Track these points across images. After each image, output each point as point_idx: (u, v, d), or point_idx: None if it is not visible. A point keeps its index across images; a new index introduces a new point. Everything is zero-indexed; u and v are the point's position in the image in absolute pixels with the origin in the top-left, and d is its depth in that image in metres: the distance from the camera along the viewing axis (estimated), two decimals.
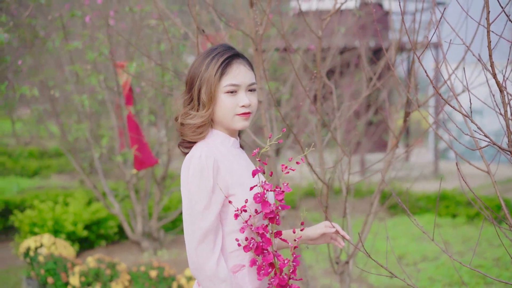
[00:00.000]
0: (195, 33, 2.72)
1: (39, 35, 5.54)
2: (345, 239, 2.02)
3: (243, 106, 1.84)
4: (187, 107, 1.90)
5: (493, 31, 1.72)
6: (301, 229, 1.87)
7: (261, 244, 1.77)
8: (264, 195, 1.77)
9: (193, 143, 1.90)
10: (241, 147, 2.02)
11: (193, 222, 1.79)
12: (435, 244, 1.80)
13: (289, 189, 1.80)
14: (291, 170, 1.79)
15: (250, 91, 1.88)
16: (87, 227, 6.26)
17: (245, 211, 1.76)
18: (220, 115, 1.86)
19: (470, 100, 1.75)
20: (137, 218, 6.15)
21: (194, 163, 1.80)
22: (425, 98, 3.06)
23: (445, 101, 1.80)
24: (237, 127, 1.88)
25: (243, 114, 1.85)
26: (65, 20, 4.42)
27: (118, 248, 6.43)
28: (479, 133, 1.77)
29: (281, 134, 1.87)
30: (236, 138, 1.95)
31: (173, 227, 6.94)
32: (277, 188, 1.79)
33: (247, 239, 1.77)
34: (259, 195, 1.77)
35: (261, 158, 1.80)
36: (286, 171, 1.79)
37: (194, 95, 1.88)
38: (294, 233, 1.88)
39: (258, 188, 1.78)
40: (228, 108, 1.84)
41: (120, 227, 6.58)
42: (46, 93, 5.92)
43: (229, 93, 1.84)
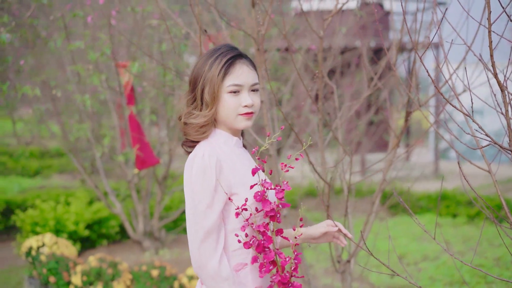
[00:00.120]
0: (197, 33, 2.74)
1: (41, 35, 5.56)
2: (347, 238, 2.04)
3: (246, 106, 1.86)
4: (190, 107, 1.91)
5: (494, 31, 1.73)
6: (301, 225, 1.89)
7: (263, 242, 1.78)
8: (264, 194, 1.78)
9: (196, 143, 1.91)
10: (244, 146, 2.03)
11: (196, 221, 1.80)
12: (437, 243, 1.81)
13: (288, 187, 1.81)
14: (291, 168, 1.80)
15: (253, 91, 1.89)
16: (89, 227, 6.27)
17: (246, 209, 1.77)
18: (223, 115, 1.87)
19: (471, 99, 1.76)
20: (139, 217, 6.16)
21: (197, 163, 1.81)
22: (426, 98, 3.07)
23: (447, 100, 1.82)
24: (240, 127, 1.89)
25: (246, 114, 1.86)
26: (67, 20, 4.44)
27: (119, 247, 6.44)
28: (480, 133, 1.78)
29: (280, 131, 1.88)
30: (239, 137, 1.96)
31: (174, 227, 6.96)
32: (277, 186, 1.80)
33: (247, 235, 1.78)
34: (259, 194, 1.78)
35: (261, 156, 1.81)
36: (285, 169, 1.79)
37: (197, 95, 1.89)
38: (294, 231, 1.90)
39: (258, 186, 1.79)
40: (231, 108, 1.85)
41: (121, 227, 6.60)
42: (47, 93, 5.93)
43: (232, 93, 1.85)
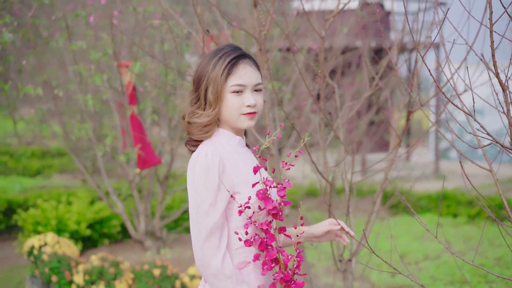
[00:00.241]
0: (199, 33, 2.75)
1: (42, 35, 5.57)
2: (350, 236, 2.05)
3: (249, 106, 1.87)
4: (194, 106, 1.93)
5: (495, 31, 1.74)
6: (302, 224, 1.90)
7: (265, 239, 1.79)
8: (266, 192, 1.79)
9: (199, 142, 1.93)
10: (247, 146, 2.04)
11: (199, 219, 1.82)
12: (438, 241, 1.82)
13: (290, 185, 1.82)
14: (292, 166, 1.81)
15: (256, 91, 1.91)
16: (90, 226, 6.29)
17: (249, 207, 1.79)
18: (226, 115, 1.88)
19: (473, 99, 1.77)
20: (140, 217, 6.18)
21: (200, 162, 1.82)
22: (426, 98, 3.08)
23: (448, 99, 1.83)
24: (243, 127, 1.90)
25: (249, 113, 1.88)
26: (69, 20, 4.45)
27: (121, 247, 6.46)
28: (482, 132, 1.79)
29: (280, 129, 1.90)
30: (242, 137, 1.97)
31: (175, 226, 6.97)
32: (278, 184, 1.81)
33: (247, 233, 1.79)
34: (261, 192, 1.79)
35: (262, 155, 1.82)
36: (286, 167, 1.81)
37: (201, 94, 1.90)
38: (295, 229, 1.91)
39: (260, 184, 1.80)
40: (234, 107, 1.86)
41: (123, 226, 6.61)
42: (49, 93, 5.94)
43: (235, 93, 1.86)
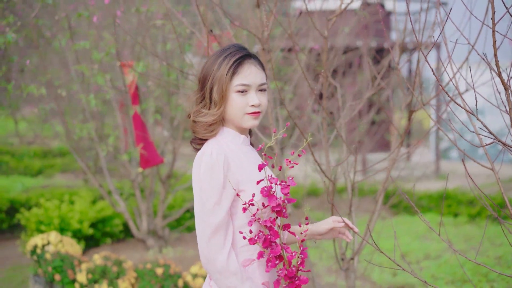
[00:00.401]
0: (201, 32, 2.77)
1: (45, 35, 5.59)
2: (354, 232, 2.07)
3: (253, 105, 1.89)
4: (199, 105, 1.95)
5: (497, 31, 1.76)
6: (306, 223, 1.92)
7: (269, 236, 1.81)
8: (271, 189, 1.81)
9: (204, 140, 1.95)
10: (251, 144, 2.06)
11: (204, 217, 1.83)
12: (441, 239, 1.84)
13: (294, 183, 1.84)
14: (295, 164, 1.83)
15: (260, 91, 1.92)
16: (93, 225, 6.31)
17: (253, 205, 1.80)
18: (230, 114, 1.90)
19: (475, 98, 1.80)
20: (142, 216, 6.20)
21: (205, 160, 1.84)
22: (427, 98, 3.10)
23: (451, 98, 1.85)
24: (247, 126, 1.92)
25: (253, 113, 1.90)
26: (73, 20, 4.47)
27: (123, 246, 6.48)
28: (484, 130, 1.81)
29: (285, 128, 1.92)
30: (246, 135, 1.99)
31: (177, 225, 7.00)
32: (282, 182, 1.83)
33: (251, 232, 1.81)
34: (266, 189, 1.81)
35: (267, 153, 1.84)
36: (290, 165, 1.83)
37: (206, 94, 1.92)
38: (300, 227, 1.93)
39: (265, 182, 1.82)
40: (238, 107, 1.88)
41: (125, 225, 6.63)
42: (51, 93, 5.97)
43: (240, 92, 1.88)
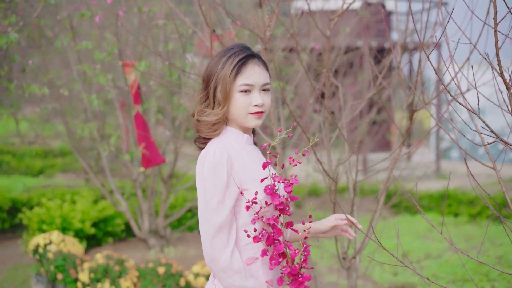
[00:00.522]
0: (203, 32, 2.79)
1: (47, 35, 5.60)
2: (357, 229, 2.07)
3: (256, 105, 1.90)
4: (203, 104, 1.96)
5: (499, 31, 1.78)
6: (310, 221, 1.93)
7: (272, 234, 1.82)
8: (274, 187, 1.82)
9: (208, 139, 1.96)
10: (255, 143, 2.08)
11: (207, 216, 1.85)
12: (443, 238, 1.85)
13: (297, 181, 1.85)
14: (298, 162, 1.84)
15: (264, 90, 1.93)
16: (95, 225, 6.32)
17: (256, 203, 1.82)
18: (234, 113, 1.91)
19: (478, 97, 1.81)
20: (144, 216, 6.21)
21: (208, 159, 1.86)
22: (429, 97, 3.11)
23: (453, 97, 1.87)
24: (250, 125, 1.93)
25: (256, 113, 1.91)
26: (75, 20, 4.49)
27: (125, 245, 6.49)
28: (486, 129, 1.83)
29: (291, 128, 1.93)
30: (250, 135, 2.01)
31: (179, 225, 7.01)
32: (285, 180, 1.85)
33: (255, 230, 1.82)
34: (269, 187, 1.82)
35: (271, 151, 1.86)
36: (294, 163, 1.84)
37: (210, 93, 1.93)
38: (303, 225, 1.94)
39: (268, 180, 1.83)
40: (241, 107, 1.89)
41: (127, 225, 6.64)
42: (53, 92, 5.98)
43: (243, 92, 1.89)
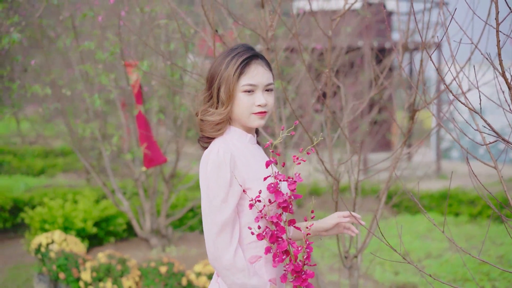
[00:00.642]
0: (205, 32, 2.80)
1: (49, 35, 5.62)
2: (360, 224, 2.08)
3: (259, 105, 1.92)
4: (206, 104, 1.98)
5: (501, 31, 1.79)
6: (312, 216, 1.94)
7: (276, 232, 1.84)
8: (277, 185, 1.84)
9: (212, 139, 1.98)
10: (258, 143, 2.09)
11: (211, 215, 1.86)
12: (445, 237, 1.87)
13: (300, 179, 1.86)
14: (303, 160, 1.86)
15: (267, 91, 1.95)
16: (96, 224, 6.33)
17: (259, 201, 1.83)
18: (237, 113, 1.93)
19: (479, 96, 1.83)
20: (146, 215, 6.22)
21: (212, 159, 1.87)
22: (430, 97, 3.13)
23: (455, 96, 1.88)
24: (253, 125, 1.95)
25: (259, 113, 1.92)
26: (78, 20, 4.50)
27: (126, 245, 6.51)
28: (487, 129, 1.84)
29: (293, 127, 1.94)
30: (253, 134, 2.02)
31: (180, 225, 7.02)
32: (289, 178, 1.86)
33: (259, 227, 1.84)
34: (272, 185, 1.83)
35: (273, 150, 1.87)
36: (298, 161, 1.85)
37: (213, 93, 1.95)
38: (305, 221, 1.95)
39: (271, 178, 1.84)
40: (245, 106, 1.91)
41: (128, 224, 6.66)
42: (54, 92, 6.00)
43: (247, 92, 1.91)
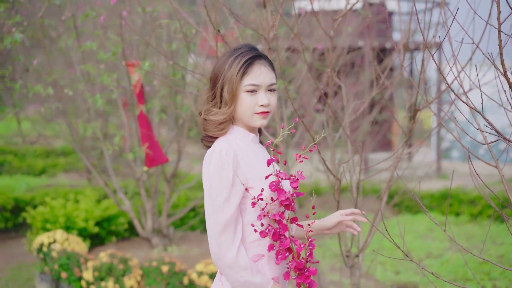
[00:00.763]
0: (208, 32, 2.82)
1: (50, 35, 5.63)
2: (363, 221, 2.09)
3: (262, 105, 1.93)
4: (210, 104, 1.99)
5: (502, 31, 1.80)
6: (313, 213, 1.95)
7: (278, 230, 1.85)
8: (279, 183, 1.85)
9: (215, 138, 1.99)
10: (261, 142, 2.10)
11: (214, 214, 1.87)
12: (446, 235, 1.88)
13: (303, 177, 1.87)
14: (305, 158, 1.87)
15: (270, 91, 1.96)
16: (98, 224, 6.34)
17: (262, 199, 1.84)
18: (240, 113, 1.94)
19: (481, 96, 1.84)
20: (147, 215, 6.23)
21: (215, 158, 1.88)
22: (431, 97, 3.14)
23: (457, 96, 1.90)
24: (256, 125, 1.96)
25: (262, 113, 1.93)
26: (79, 20, 4.52)
27: (128, 244, 6.52)
28: (489, 128, 1.85)
29: (293, 125, 1.96)
30: (255, 134, 2.03)
31: (181, 224, 7.04)
32: (291, 176, 1.87)
33: (262, 225, 1.85)
34: (274, 183, 1.85)
35: (275, 148, 1.89)
36: (300, 159, 1.86)
37: (217, 93, 1.96)
38: (307, 219, 1.97)
39: (273, 176, 1.85)
40: (247, 106, 1.92)
41: (130, 224, 6.67)
42: (56, 92, 6.02)
43: (250, 92, 1.92)
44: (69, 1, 5.16)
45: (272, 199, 1.85)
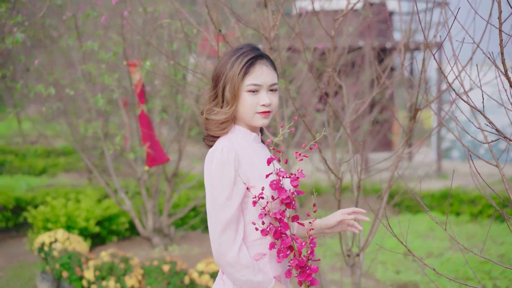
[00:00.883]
0: (209, 32, 2.83)
1: (52, 35, 5.64)
2: (363, 220, 2.10)
3: (264, 105, 1.94)
4: (211, 103, 2.00)
5: (503, 31, 1.81)
6: (314, 210, 1.96)
7: (279, 228, 1.86)
8: (279, 182, 1.86)
9: (216, 137, 2.00)
10: (262, 142, 2.11)
11: (215, 213, 1.88)
12: (447, 235, 1.89)
13: (303, 175, 1.88)
14: (305, 156, 1.88)
15: (271, 90, 1.97)
16: (99, 223, 6.35)
17: (262, 198, 1.85)
18: (242, 112, 1.95)
19: (482, 95, 1.85)
20: (148, 214, 6.24)
21: (216, 157, 1.89)
22: (432, 96, 3.15)
23: (458, 95, 1.91)
24: (257, 125, 1.97)
25: (264, 112, 1.95)
26: (81, 20, 4.53)
27: (129, 244, 6.53)
28: (489, 127, 1.86)
29: (292, 123, 1.97)
30: (257, 133, 2.04)
31: (182, 224, 7.05)
32: (291, 174, 1.88)
33: (263, 223, 1.86)
34: (274, 182, 1.86)
35: (275, 147, 1.90)
36: (300, 158, 1.87)
37: (218, 92, 1.97)
38: (308, 217, 1.97)
39: (273, 175, 1.86)
40: (249, 106, 1.93)
41: (131, 223, 6.68)
42: (57, 92, 6.02)
43: (251, 92, 1.93)
44: (70, 1, 5.17)
45: (273, 198, 1.86)
